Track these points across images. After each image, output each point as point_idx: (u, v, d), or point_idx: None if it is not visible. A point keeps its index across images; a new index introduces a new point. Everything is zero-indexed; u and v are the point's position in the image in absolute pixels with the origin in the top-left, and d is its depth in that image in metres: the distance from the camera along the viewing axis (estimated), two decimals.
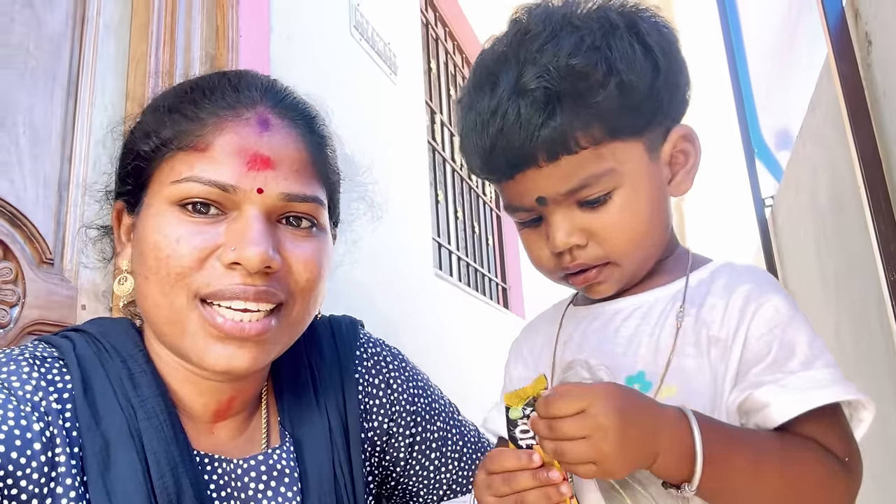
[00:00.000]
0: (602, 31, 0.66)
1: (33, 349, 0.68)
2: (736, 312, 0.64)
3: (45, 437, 0.60)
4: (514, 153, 0.66)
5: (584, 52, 0.64)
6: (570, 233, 0.67)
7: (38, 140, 1.21)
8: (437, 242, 3.12)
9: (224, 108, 0.68)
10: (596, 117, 0.64)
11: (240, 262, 0.64)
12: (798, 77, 2.20)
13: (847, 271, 1.68)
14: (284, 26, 1.82)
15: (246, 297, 0.65)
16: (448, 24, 3.83)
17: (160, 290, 0.65)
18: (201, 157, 0.66)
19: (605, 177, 0.65)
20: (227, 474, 0.71)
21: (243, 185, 0.66)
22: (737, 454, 0.58)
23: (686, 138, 0.71)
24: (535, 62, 0.65)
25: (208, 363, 0.66)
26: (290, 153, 0.69)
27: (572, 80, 0.64)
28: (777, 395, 0.59)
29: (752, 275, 0.67)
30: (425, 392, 0.90)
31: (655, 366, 0.65)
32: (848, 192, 1.55)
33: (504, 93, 0.66)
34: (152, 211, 0.67)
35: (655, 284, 0.71)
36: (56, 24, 1.28)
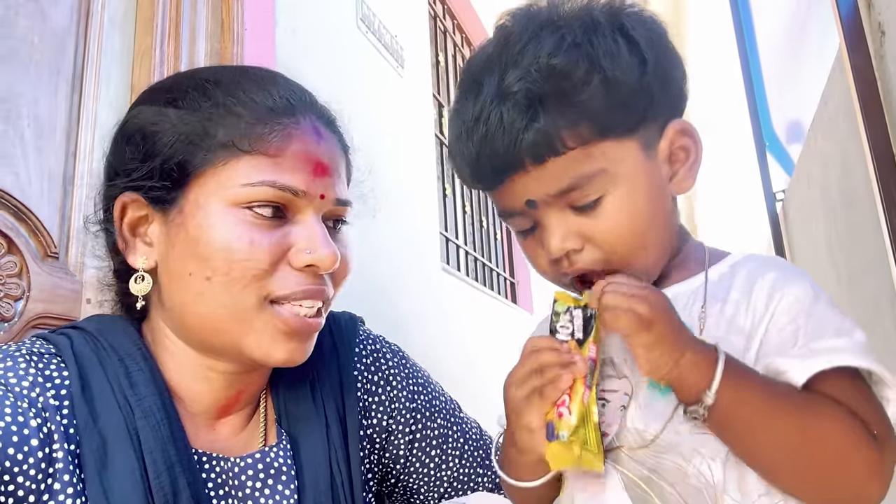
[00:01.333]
0: (583, 28, 0.64)
1: (31, 345, 0.68)
2: (760, 303, 0.63)
3: (42, 434, 0.60)
4: (499, 159, 0.64)
5: (565, 50, 0.63)
6: (564, 237, 0.65)
7: (43, 134, 1.21)
8: (445, 237, 3.11)
9: (284, 115, 0.71)
10: (582, 116, 0.62)
11: (314, 264, 0.69)
12: (809, 69, 2.18)
13: (860, 267, 1.66)
14: (290, 19, 1.81)
15: (313, 296, 0.70)
16: (456, 17, 3.81)
17: (228, 290, 0.67)
18: (270, 162, 0.68)
19: (597, 178, 0.63)
20: (224, 473, 0.71)
21: (311, 191, 0.70)
22: (757, 386, 0.58)
23: (684, 133, 0.68)
24: (516, 64, 0.64)
25: (272, 357, 0.69)
26: (337, 161, 0.75)
27: (554, 79, 0.62)
28: (795, 361, 0.59)
29: (774, 265, 0.66)
30: (425, 389, 0.90)
31: None
32: (860, 187, 1.52)
33: (487, 98, 0.64)
34: (208, 211, 0.68)
35: (673, 281, 0.70)
36: (61, 18, 1.28)
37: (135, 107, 0.76)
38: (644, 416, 0.64)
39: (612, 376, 0.69)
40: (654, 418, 0.64)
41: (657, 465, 0.63)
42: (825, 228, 1.97)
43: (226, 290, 0.67)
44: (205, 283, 0.67)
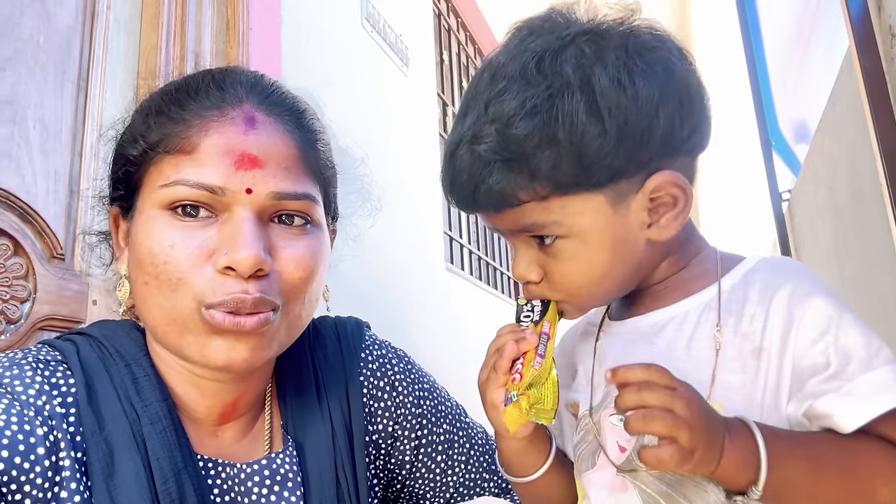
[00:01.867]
0: (549, 91, 0.62)
1: (36, 353, 0.67)
2: (780, 321, 0.61)
3: (48, 442, 0.60)
4: (463, 196, 0.67)
5: (523, 117, 0.61)
6: (527, 268, 0.68)
7: (49, 135, 1.21)
8: (449, 236, 3.10)
9: (209, 108, 0.67)
10: (538, 178, 0.62)
11: (232, 266, 0.63)
12: (817, 70, 2.16)
13: (866, 268, 1.65)
14: (295, 19, 1.80)
15: (244, 310, 0.64)
16: (460, 15, 3.80)
17: (162, 293, 0.65)
18: (188, 160, 0.65)
19: (549, 227, 0.65)
20: (230, 479, 0.70)
21: (231, 186, 0.65)
22: (801, 458, 0.57)
23: (671, 185, 0.64)
24: (486, 114, 0.64)
25: (209, 358, 0.66)
26: (278, 151, 0.68)
27: (511, 146, 0.62)
28: (839, 405, 0.57)
29: (789, 274, 0.64)
30: (431, 394, 0.89)
31: (697, 381, 0.61)
32: (868, 188, 1.51)
33: (462, 139, 0.65)
34: (144, 216, 0.67)
35: (685, 294, 0.68)
36: (66, 18, 1.28)
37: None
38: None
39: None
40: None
41: (677, 482, 0.62)
42: (832, 228, 1.96)
43: (161, 294, 0.65)
44: (145, 287, 0.66)
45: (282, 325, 0.69)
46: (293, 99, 0.74)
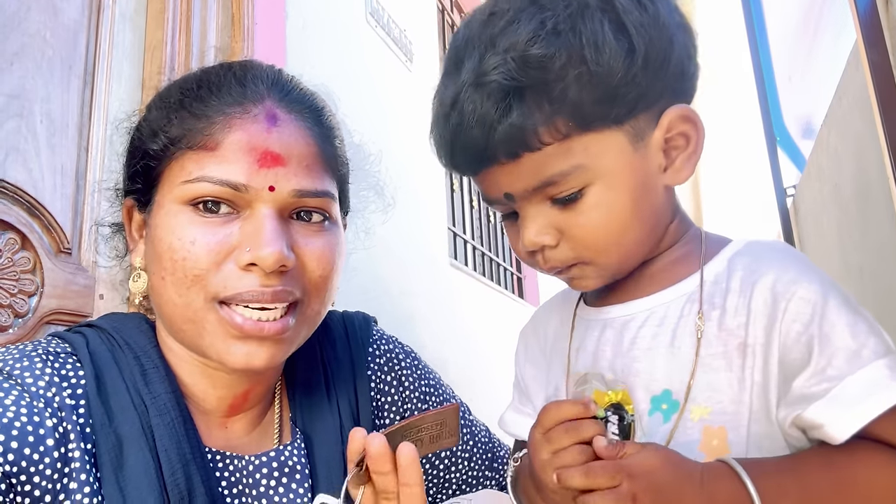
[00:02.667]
0: (569, 10, 0.57)
1: (46, 345, 0.67)
2: (763, 312, 0.57)
3: (57, 433, 0.60)
4: (472, 150, 0.60)
5: (544, 37, 0.57)
6: (539, 232, 0.61)
7: (55, 129, 1.21)
8: (453, 232, 3.10)
9: (231, 105, 0.67)
10: (560, 110, 0.57)
11: (256, 263, 0.63)
12: (822, 64, 2.16)
13: (872, 262, 1.65)
14: (300, 14, 1.80)
15: (264, 300, 0.64)
16: (464, 10, 3.79)
17: (177, 290, 0.65)
18: (211, 156, 0.65)
19: (573, 174, 0.59)
20: (238, 471, 0.71)
21: (255, 184, 0.65)
22: (789, 492, 0.53)
23: (684, 119, 0.61)
24: (494, 47, 0.58)
25: (229, 361, 0.66)
26: (299, 148, 0.68)
27: (531, 70, 0.56)
28: (828, 413, 0.53)
29: (773, 259, 0.60)
30: (437, 390, 0.90)
31: (680, 383, 0.59)
32: (875, 183, 1.51)
33: (464, 83, 0.59)
34: (164, 211, 0.67)
35: (667, 282, 0.64)
36: (72, 13, 1.28)
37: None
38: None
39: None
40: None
41: None
42: (837, 224, 1.95)
43: (175, 290, 0.65)
44: (161, 282, 0.66)
45: (301, 324, 0.69)
46: (312, 95, 0.74)
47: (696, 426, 0.58)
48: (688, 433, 0.58)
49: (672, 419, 0.58)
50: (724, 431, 0.57)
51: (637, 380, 0.62)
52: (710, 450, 0.57)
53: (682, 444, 0.58)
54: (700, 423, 0.57)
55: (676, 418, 0.58)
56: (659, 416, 0.60)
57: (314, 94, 0.75)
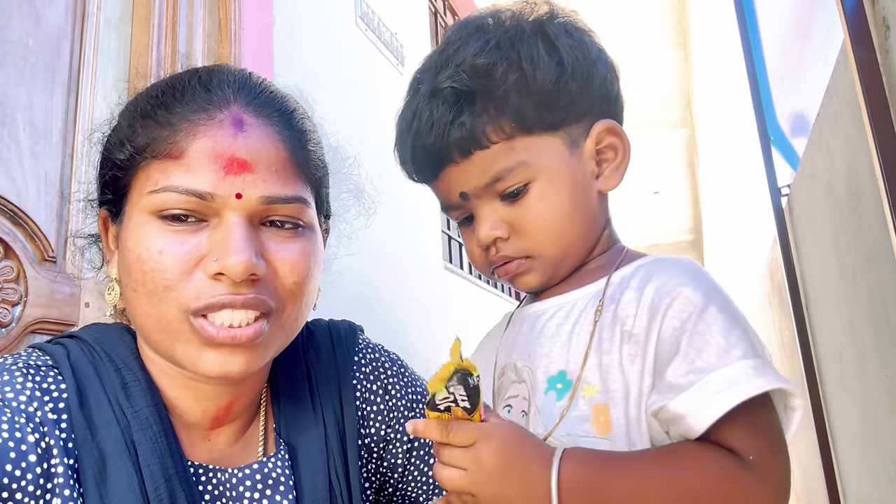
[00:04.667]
0: (508, 34, 0.69)
1: (27, 358, 0.66)
2: (647, 307, 0.63)
3: (39, 449, 0.59)
4: (430, 152, 0.70)
5: (488, 51, 0.68)
6: (493, 226, 0.69)
7: (39, 137, 1.20)
8: (447, 235, 3.10)
9: (196, 111, 0.65)
10: (504, 113, 0.67)
11: (223, 272, 0.62)
12: (814, 64, 2.15)
13: (865, 264, 1.64)
14: (287, 18, 1.80)
15: (234, 306, 0.63)
16: (457, 13, 3.79)
17: (149, 301, 0.64)
18: (176, 165, 0.63)
19: (517, 169, 0.67)
20: (221, 484, 0.70)
21: (221, 192, 0.63)
22: (615, 484, 0.57)
23: (610, 132, 0.72)
24: (447, 65, 0.69)
25: (202, 370, 0.65)
26: (268, 153, 0.66)
27: (478, 77, 0.67)
28: (691, 402, 0.57)
29: (670, 267, 0.66)
30: (424, 398, 0.88)
31: (575, 364, 0.65)
32: (866, 182, 1.50)
33: (421, 96, 0.70)
34: (133, 222, 0.65)
35: (581, 283, 0.71)
36: (56, 20, 1.27)
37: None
38: (544, 421, 0.65)
39: (514, 381, 0.70)
40: (551, 421, 0.65)
41: None
42: (831, 224, 1.95)
43: (148, 301, 0.64)
44: (133, 294, 0.65)
45: (276, 332, 0.68)
46: (282, 98, 0.72)
47: (586, 403, 0.63)
48: (579, 409, 0.64)
49: (565, 398, 0.65)
50: (608, 408, 0.62)
51: (538, 363, 0.69)
52: (599, 425, 0.62)
53: (574, 419, 0.63)
54: (590, 401, 0.63)
55: (570, 396, 0.65)
56: (553, 395, 0.66)
57: (285, 97, 0.73)
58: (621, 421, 0.62)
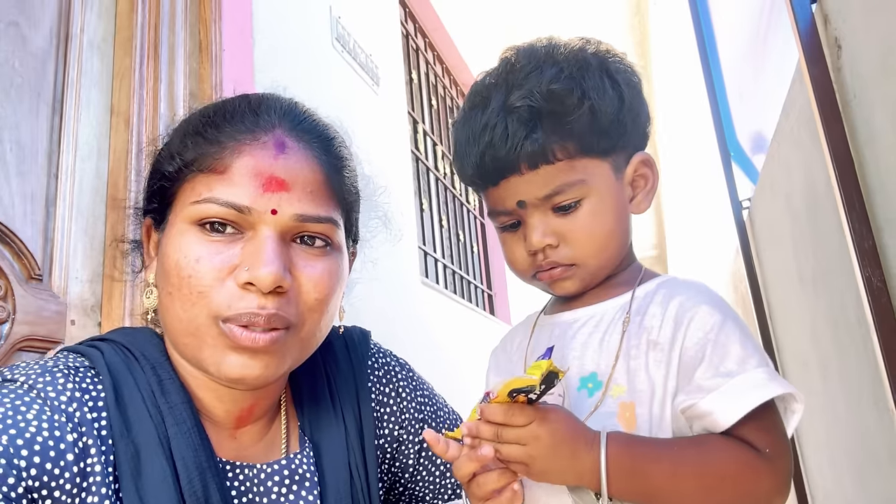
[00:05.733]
0: (578, 66, 0.78)
1: (65, 360, 0.69)
2: (671, 320, 0.72)
3: (77, 448, 0.62)
4: (500, 162, 0.76)
5: (563, 80, 0.76)
6: (545, 234, 0.77)
7: (25, 157, 1.21)
8: (423, 251, 3.13)
9: (243, 132, 0.70)
10: (570, 135, 0.75)
11: (253, 283, 0.66)
12: (771, 82, 2.26)
13: (824, 270, 1.72)
14: (267, 40, 1.83)
15: (258, 324, 0.67)
16: (428, 35, 3.86)
17: (182, 306, 0.68)
18: (220, 179, 0.68)
19: (577, 186, 0.76)
20: (248, 480, 0.73)
21: (258, 207, 0.68)
22: (655, 466, 0.66)
23: (645, 164, 0.82)
24: (521, 86, 0.76)
25: (224, 371, 0.68)
26: (304, 175, 0.71)
27: (552, 101, 0.75)
28: (718, 402, 0.67)
29: (689, 287, 0.76)
30: (431, 401, 0.93)
31: (605, 367, 0.74)
32: (822, 193, 1.59)
33: (494, 111, 0.77)
34: (175, 230, 0.70)
35: (608, 296, 0.80)
36: (40, 42, 1.28)
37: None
38: (576, 414, 0.71)
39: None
40: (582, 415, 0.72)
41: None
42: (790, 233, 2.04)
43: (181, 306, 0.68)
44: (169, 298, 0.69)
45: (295, 343, 0.71)
46: (324, 126, 0.78)
47: (614, 401, 0.72)
48: (608, 406, 0.72)
49: (596, 395, 0.74)
50: (633, 406, 0.71)
51: (572, 364, 0.77)
52: (624, 420, 0.71)
53: (603, 414, 0.72)
54: (617, 399, 0.72)
55: (600, 394, 0.73)
56: (584, 393, 0.75)
57: (327, 126, 0.78)
58: (645, 417, 0.70)
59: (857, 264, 1.29)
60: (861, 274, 1.28)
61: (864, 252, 1.27)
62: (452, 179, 3.95)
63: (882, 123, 1.19)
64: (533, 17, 5.94)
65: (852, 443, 1.72)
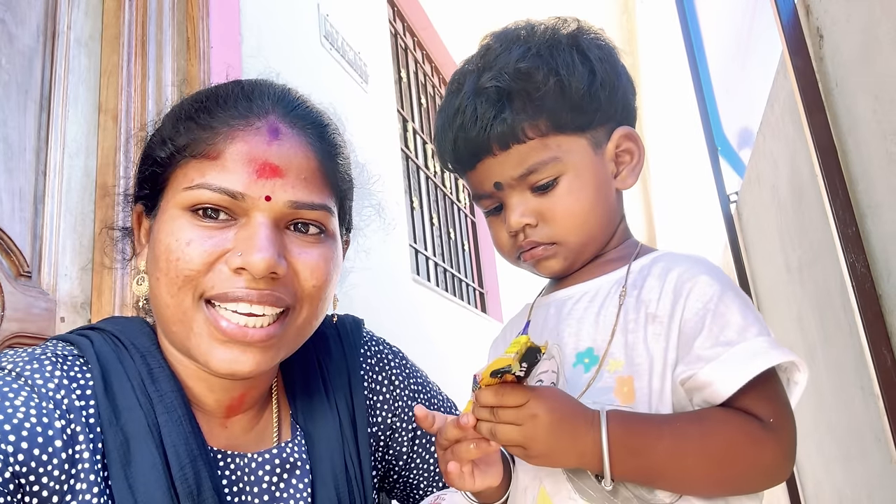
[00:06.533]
0: (547, 44, 0.77)
1: (54, 348, 0.69)
2: (671, 292, 0.70)
3: (65, 435, 0.62)
4: (472, 144, 0.76)
5: (530, 58, 0.76)
6: (523, 213, 0.76)
7: (12, 154, 1.21)
8: (414, 248, 3.14)
9: (236, 118, 0.69)
10: (541, 112, 0.74)
11: (245, 268, 0.65)
12: (756, 75, 2.28)
13: (810, 259, 1.74)
14: (255, 37, 1.83)
15: (250, 300, 0.66)
16: (417, 34, 3.87)
17: (168, 290, 0.67)
18: (213, 165, 0.67)
19: (551, 164, 0.75)
20: (239, 469, 0.73)
21: (252, 193, 0.67)
22: (656, 443, 0.63)
23: (628, 138, 0.80)
24: (490, 68, 0.76)
25: (212, 365, 0.67)
26: (298, 161, 0.70)
27: (519, 80, 0.74)
28: (718, 371, 0.65)
29: (687, 259, 0.74)
30: (424, 388, 0.93)
31: (602, 342, 0.72)
32: (807, 183, 1.61)
33: (465, 94, 0.77)
34: (166, 216, 0.69)
35: (603, 271, 0.79)
36: (27, 39, 1.28)
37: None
38: (571, 390, 0.71)
39: (545, 358, 0.76)
40: (578, 391, 0.71)
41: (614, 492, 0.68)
42: (777, 223, 2.06)
43: (167, 290, 0.67)
44: (157, 283, 0.68)
45: (290, 332, 0.71)
46: (317, 113, 0.77)
47: (611, 376, 0.70)
48: (604, 381, 0.70)
49: (592, 370, 0.72)
50: (632, 380, 0.69)
51: (567, 340, 0.76)
52: (622, 395, 0.69)
53: (598, 389, 0.70)
54: (614, 374, 0.70)
55: (596, 369, 0.72)
56: (581, 368, 0.73)
57: (320, 113, 0.78)
58: (644, 391, 0.68)
59: (842, 250, 1.31)
60: (845, 259, 1.30)
61: (847, 238, 1.29)
62: (443, 177, 3.96)
63: (864, 111, 1.21)
64: (520, 16, 5.93)
65: (840, 429, 1.74)
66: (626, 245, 0.81)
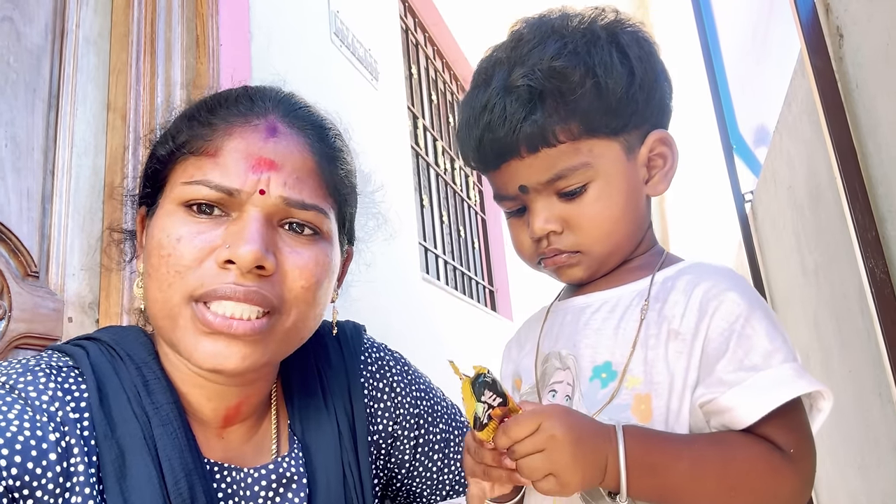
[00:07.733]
0: (584, 40, 0.72)
1: (48, 359, 0.68)
2: (696, 309, 0.67)
3: (60, 448, 0.61)
4: (499, 144, 0.72)
5: (566, 55, 0.70)
6: (547, 220, 0.72)
7: (21, 153, 1.20)
8: (424, 247, 3.12)
9: (236, 116, 0.70)
10: (574, 115, 0.70)
11: (232, 260, 0.64)
12: (772, 73, 2.25)
13: (827, 262, 1.71)
14: (264, 35, 1.82)
15: (236, 297, 0.65)
16: (427, 30, 3.85)
17: (159, 286, 0.67)
18: (210, 162, 0.68)
19: (580, 170, 0.70)
20: (235, 483, 0.71)
21: (246, 188, 0.67)
22: (675, 463, 0.61)
23: (663, 142, 0.75)
24: (523, 63, 0.71)
25: (197, 359, 0.66)
26: (294, 159, 0.70)
27: (554, 79, 0.69)
28: (740, 398, 0.62)
29: (715, 272, 0.70)
30: (427, 395, 0.91)
31: (621, 356, 0.69)
32: (825, 184, 1.58)
33: (494, 90, 0.72)
34: (163, 211, 0.70)
35: (625, 281, 0.74)
36: (35, 38, 1.28)
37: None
38: (587, 405, 0.69)
39: (559, 368, 0.73)
40: (595, 407, 0.68)
41: None
42: (793, 225, 2.02)
43: (158, 286, 0.66)
44: (148, 280, 0.68)
45: (277, 333, 0.69)
46: (319, 117, 0.77)
47: (629, 393, 0.67)
48: (622, 397, 0.67)
49: (610, 386, 0.68)
50: (650, 398, 0.66)
51: (584, 352, 0.72)
52: (639, 413, 0.66)
53: (617, 406, 0.67)
54: (632, 391, 0.67)
55: (615, 385, 0.68)
56: (597, 383, 0.69)
57: (322, 117, 0.77)
58: (662, 410, 0.65)
59: (860, 255, 1.28)
60: (864, 265, 1.27)
61: (866, 243, 1.26)
62: (453, 175, 3.94)
63: (885, 113, 1.18)
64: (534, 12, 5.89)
65: (855, 434, 1.71)
66: (652, 253, 0.77)
